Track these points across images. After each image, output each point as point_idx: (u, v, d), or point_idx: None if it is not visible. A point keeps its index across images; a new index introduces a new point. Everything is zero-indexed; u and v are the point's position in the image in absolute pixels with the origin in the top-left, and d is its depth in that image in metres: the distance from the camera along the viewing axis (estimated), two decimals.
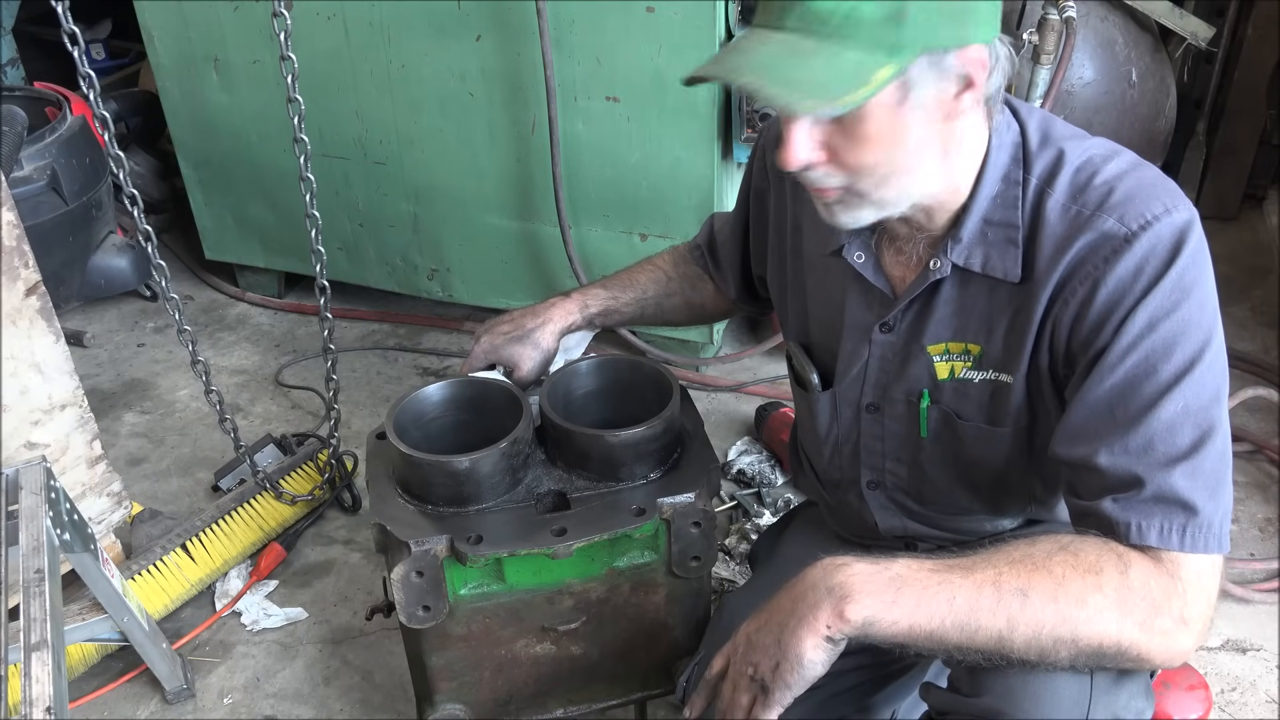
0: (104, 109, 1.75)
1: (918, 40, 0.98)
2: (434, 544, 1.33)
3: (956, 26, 0.99)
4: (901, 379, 1.28)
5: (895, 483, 1.39)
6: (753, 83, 0.99)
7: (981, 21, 1.01)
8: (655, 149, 2.43)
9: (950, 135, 1.08)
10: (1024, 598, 1.01)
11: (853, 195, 1.11)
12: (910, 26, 0.97)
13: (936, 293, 1.21)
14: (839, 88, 0.97)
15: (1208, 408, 1.05)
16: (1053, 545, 1.05)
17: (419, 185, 2.74)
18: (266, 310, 3.21)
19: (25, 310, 1.72)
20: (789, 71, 0.99)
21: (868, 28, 0.97)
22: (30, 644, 1.35)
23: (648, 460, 1.42)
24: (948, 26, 0.99)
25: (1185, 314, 1.04)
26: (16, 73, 3.77)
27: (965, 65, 1.02)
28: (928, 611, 1.02)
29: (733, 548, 2.18)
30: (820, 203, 1.15)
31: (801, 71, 0.98)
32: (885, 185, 1.09)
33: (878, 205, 1.11)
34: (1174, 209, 1.06)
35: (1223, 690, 1.87)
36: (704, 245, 1.64)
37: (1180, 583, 1.03)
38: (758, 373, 2.78)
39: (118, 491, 2.00)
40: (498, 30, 2.40)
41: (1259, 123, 3.29)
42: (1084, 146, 1.14)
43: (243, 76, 2.74)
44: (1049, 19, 2.17)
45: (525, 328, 1.56)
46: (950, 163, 1.11)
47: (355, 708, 1.92)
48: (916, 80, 1.01)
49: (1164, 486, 1.04)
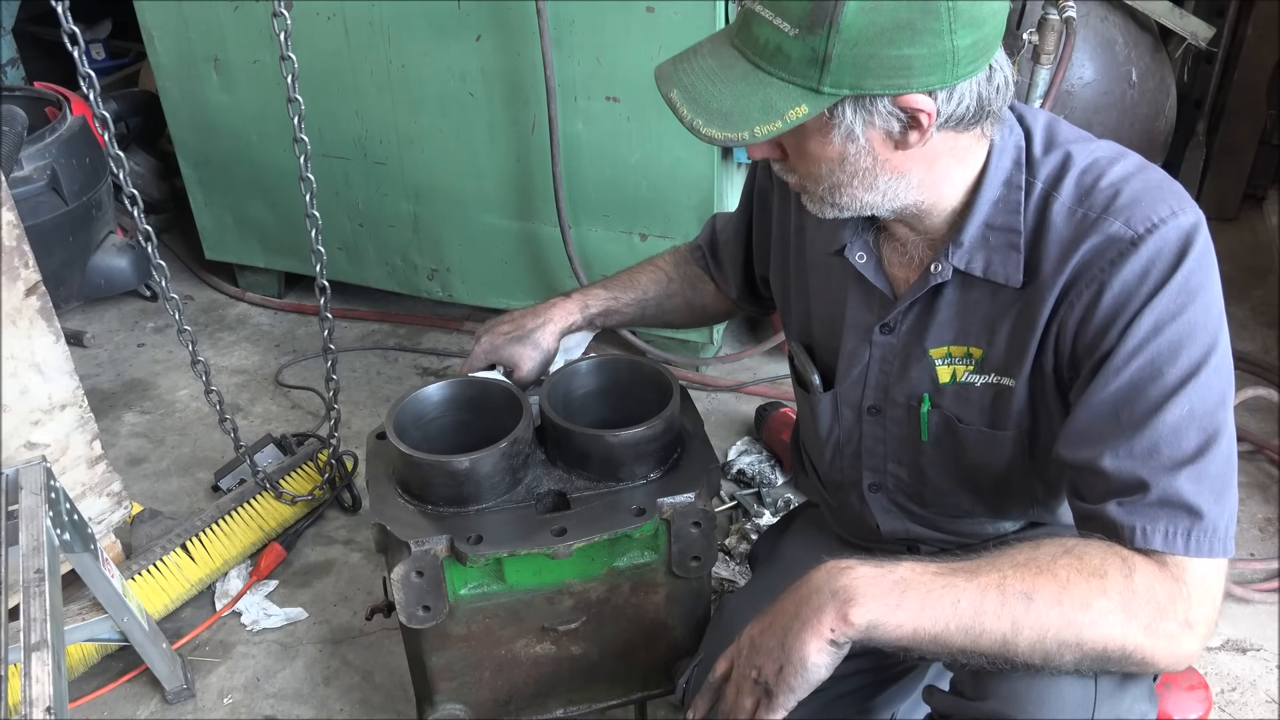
0: (104, 109, 1.75)
1: (841, 84, 0.99)
2: (434, 544, 1.33)
3: (888, 77, 0.99)
4: (903, 382, 1.28)
5: (897, 485, 1.38)
6: (674, 100, 1.05)
7: (926, 71, 0.99)
8: (655, 149, 2.43)
9: (909, 160, 1.08)
10: (1029, 601, 1.00)
11: (808, 195, 1.15)
12: (832, 72, 0.98)
13: (938, 296, 1.21)
14: (745, 121, 1.02)
15: (1213, 411, 1.05)
16: (1057, 549, 1.05)
17: (419, 185, 2.74)
18: (266, 310, 3.21)
19: (25, 310, 1.72)
20: (707, 96, 1.04)
21: (790, 65, 1.00)
22: (30, 644, 1.35)
23: (648, 460, 1.42)
24: (877, 76, 0.99)
25: (1191, 317, 1.04)
26: (16, 73, 3.77)
27: (905, 108, 1.02)
28: (932, 615, 1.02)
29: (733, 548, 2.18)
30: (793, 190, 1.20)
31: (720, 99, 1.03)
32: (835, 194, 1.12)
33: (835, 208, 1.15)
34: (1180, 212, 1.06)
35: (1223, 690, 1.87)
36: (705, 246, 1.64)
37: (1185, 586, 1.03)
38: (758, 373, 2.78)
39: (118, 491, 2.00)
40: (498, 30, 2.40)
41: (1259, 123, 3.29)
42: (1090, 149, 1.14)
43: (243, 76, 2.74)
44: (1049, 19, 2.17)
45: (525, 328, 1.56)
46: (925, 178, 1.11)
47: (355, 708, 1.92)
48: (843, 119, 1.03)
49: (1169, 490, 1.03)
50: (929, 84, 1.00)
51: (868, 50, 0.97)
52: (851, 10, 0.95)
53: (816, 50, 0.97)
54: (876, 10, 0.95)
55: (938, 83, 1.00)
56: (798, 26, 0.98)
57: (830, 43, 0.97)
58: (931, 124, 1.03)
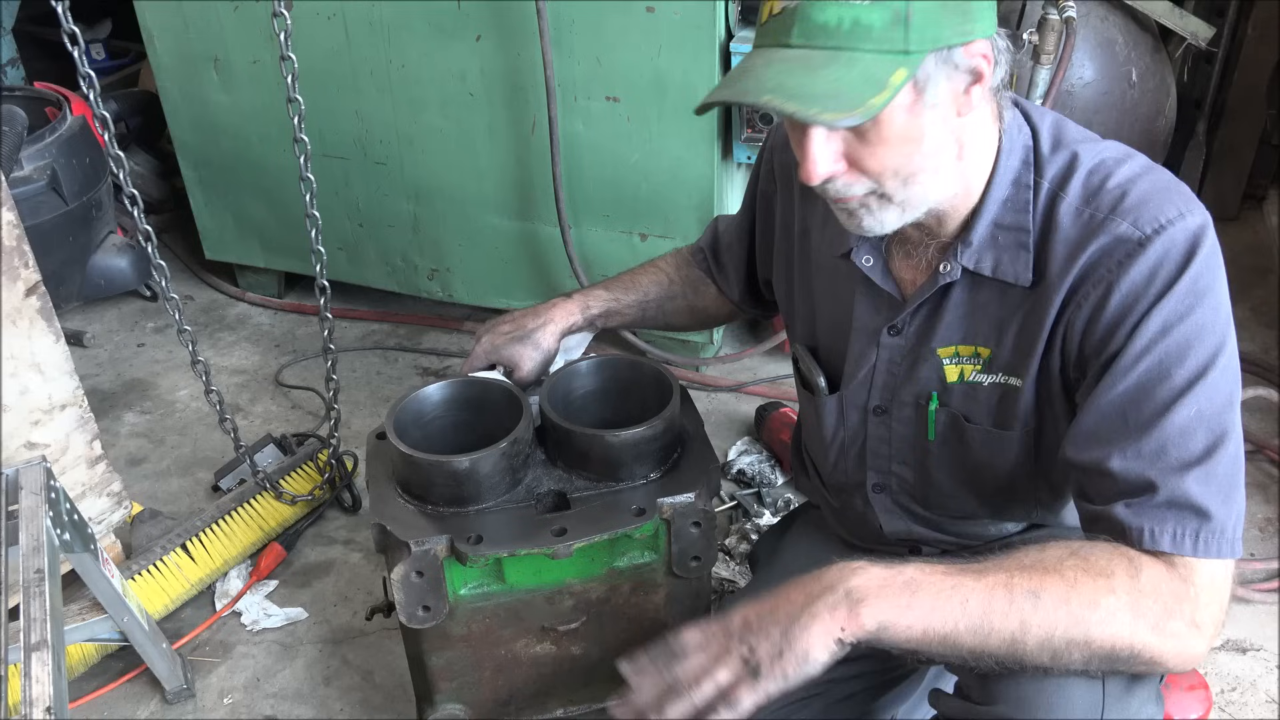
0: (104, 109, 1.75)
1: (925, 40, 0.98)
2: (434, 544, 1.33)
3: (960, 23, 1.00)
4: (910, 382, 1.28)
5: (901, 486, 1.38)
6: (771, 101, 0.99)
7: (982, 15, 1.02)
8: (655, 149, 2.43)
9: (963, 131, 1.09)
10: (1036, 600, 1.00)
11: (877, 199, 1.11)
12: (916, 28, 0.98)
13: (946, 296, 1.21)
14: (857, 97, 0.98)
15: (1221, 413, 1.05)
16: (1063, 550, 1.05)
17: (419, 185, 2.74)
18: (266, 310, 3.21)
19: (25, 310, 1.72)
20: (804, 86, 0.99)
21: (875, 34, 0.98)
22: (30, 644, 1.35)
23: (648, 460, 1.42)
24: (952, 24, 0.99)
25: (1199, 318, 1.04)
26: (16, 73, 3.76)
27: (972, 59, 1.03)
28: (941, 616, 1.01)
29: (733, 548, 2.18)
30: (843, 211, 1.14)
31: (817, 85, 0.98)
32: (909, 185, 1.09)
33: (901, 207, 1.11)
34: (1188, 213, 1.06)
35: (1223, 690, 1.87)
36: (707, 248, 1.64)
37: (1193, 587, 1.03)
38: (758, 373, 2.78)
39: (118, 491, 2.00)
40: (498, 30, 2.40)
41: (1259, 123, 3.29)
42: (1097, 149, 1.14)
43: (243, 76, 2.74)
44: (1049, 19, 2.17)
45: (526, 328, 1.56)
46: (964, 163, 1.12)
47: (355, 708, 1.92)
48: (928, 78, 1.01)
49: (1177, 492, 1.03)
50: (986, 29, 1.03)
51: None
52: None
53: (898, 9, 0.97)
54: None
55: (990, 27, 1.03)
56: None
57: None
58: (990, 71, 1.04)
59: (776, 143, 1.43)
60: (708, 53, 2.27)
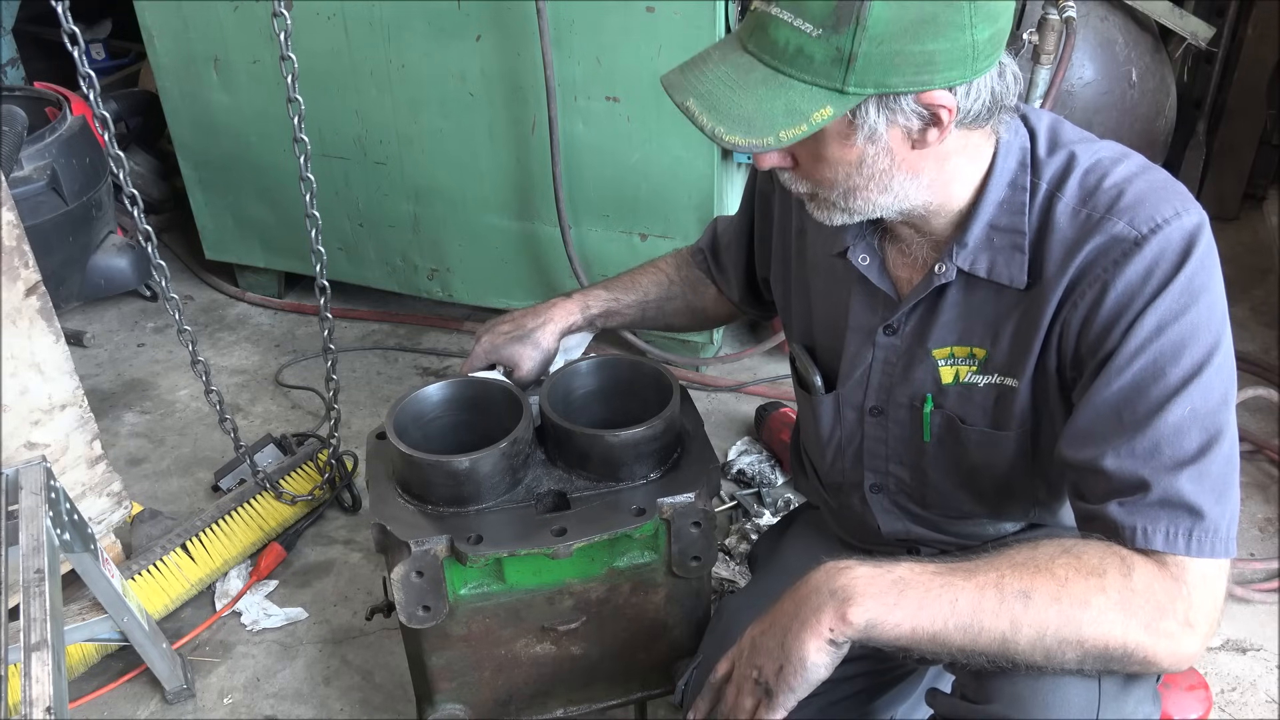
0: (104, 109, 1.75)
1: (865, 83, 0.98)
2: (434, 544, 1.33)
3: (914, 73, 0.98)
4: (906, 382, 1.28)
5: (898, 486, 1.38)
6: (692, 108, 1.02)
7: (949, 67, 0.99)
8: (655, 149, 2.43)
9: (924, 159, 1.08)
10: (1027, 599, 1.01)
11: (818, 201, 1.14)
12: (858, 71, 0.97)
13: (942, 297, 1.21)
14: (770, 125, 1.00)
15: (1215, 412, 1.05)
16: (1055, 549, 1.05)
17: (419, 185, 2.74)
18: (266, 310, 3.21)
19: (25, 310, 1.72)
20: (727, 102, 1.01)
21: (814, 66, 0.98)
22: (30, 644, 1.35)
23: (648, 460, 1.42)
24: (902, 73, 0.98)
25: (1194, 318, 1.04)
26: (16, 73, 3.77)
27: (927, 106, 1.01)
28: (930, 614, 1.02)
29: (733, 548, 2.18)
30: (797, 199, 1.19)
31: (741, 104, 1.01)
32: (849, 198, 1.11)
33: (846, 213, 1.14)
34: (1184, 212, 1.06)
35: (1223, 690, 1.87)
36: (706, 249, 1.64)
37: (1185, 586, 1.03)
38: (758, 373, 2.78)
39: (118, 491, 2.00)
40: (498, 30, 2.40)
41: (1259, 123, 3.29)
42: (1093, 149, 1.14)
43: (243, 76, 2.74)
44: (1049, 19, 2.17)
45: (526, 328, 1.56)
46: (935, 178, 1.11)
47: (355, 708, 1.92)
48: (867, 119, 1.02)
49: (1170, 490, 1.03)
50: (951, 79, 1.00)
51: (894, 47, 0.96)
52: (878, 7, 0.94)
53: (841, 49, 0.96)
54: (903, 6, 0.95)
55: (959, 78, 1.00)
56: (821, 26, 0.96)
57: (856, 41, 0.96)
58: (951, 120, 1.03)
59: None
60: None
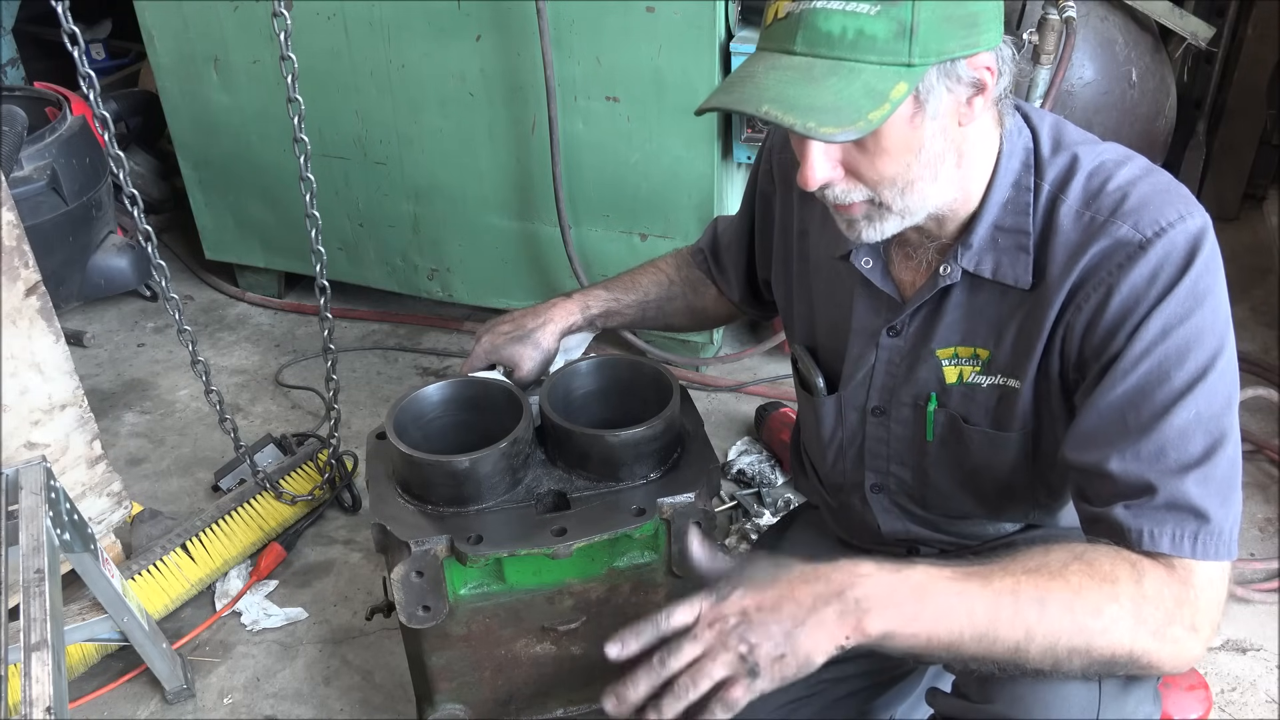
0: (104, 109, 1.75)
1: (929, 52, 0.98)
2: (434, 544, 1.33)
3: (965, 35, 1.00)
4: (909, 383, 1.28)
5: (899, 486, 1.38)
6: (770, 112, 0.98)
7: (988, 27, 1.02)
8: (655, 149, 2.43)
9: (964, 140, 1.09)
10: (1041, 608, 1.00)
11: (876, 208, 1.11)
12: (921, 40, 0.97)
13: (946, 298, 1.21)
14: (856, 110, 0.97)
15: (1220, 415, 1.05)
16: (1067, 555, 1.04)
17: (419, 185, 2.74)
18: (266, 310, 3.21)
19: (25, 310, 1.72)
20: (804, 98, 0.98)
21: (879, 45, 0.97)
22: (30, 644, 1.35)
23: (648, 460, 1.42)
24: (957, 36, 0.99)
25: (1199, 321, 1.04)
26: (16, 73, 3.77)
27: (975, 71, 1.02)
28: (947, 625, 1.01)
29: (733, 548, 2.18)
30: (843, 219, 1.14)
31: (817, 97, 0.98)
32: (906, 194, 1.09)
33: (900, 215, 1.11)
34: (1188, 216, 1.06)
35: (1223, 690, 1.87)
36: (707, 249, 1.64)
37: (1192, 590, 1.03)
38: (758, 373, 2.78)
39: (118, 491, 2.00)
40: (498, 30, 2.40)
41: (1259, 123, 3.29)
42: (1097, 152, 1.14)
43: (243, 76, 2.74)
44: (1049, 19, 2.17)
45: (526, 328, 1.56)
46: (964, 169, 1.12)
47: (355, 708, 1.92)
48: (930, 91, 1.01)
49: (1176, 493, 1.03)
50: (992, 40, 1.02)
51: (946, 10, 0.97)
52: None
53: (903, 21, 0.97)
54: None
55: (996, 38, 1.03)
56: (878, 2, 0.96)
57: (915, 9, 0.96)
58: (994, 82, 1.04)
59: (776, 143, 1.43)
60: (708, 53, 2.27)
